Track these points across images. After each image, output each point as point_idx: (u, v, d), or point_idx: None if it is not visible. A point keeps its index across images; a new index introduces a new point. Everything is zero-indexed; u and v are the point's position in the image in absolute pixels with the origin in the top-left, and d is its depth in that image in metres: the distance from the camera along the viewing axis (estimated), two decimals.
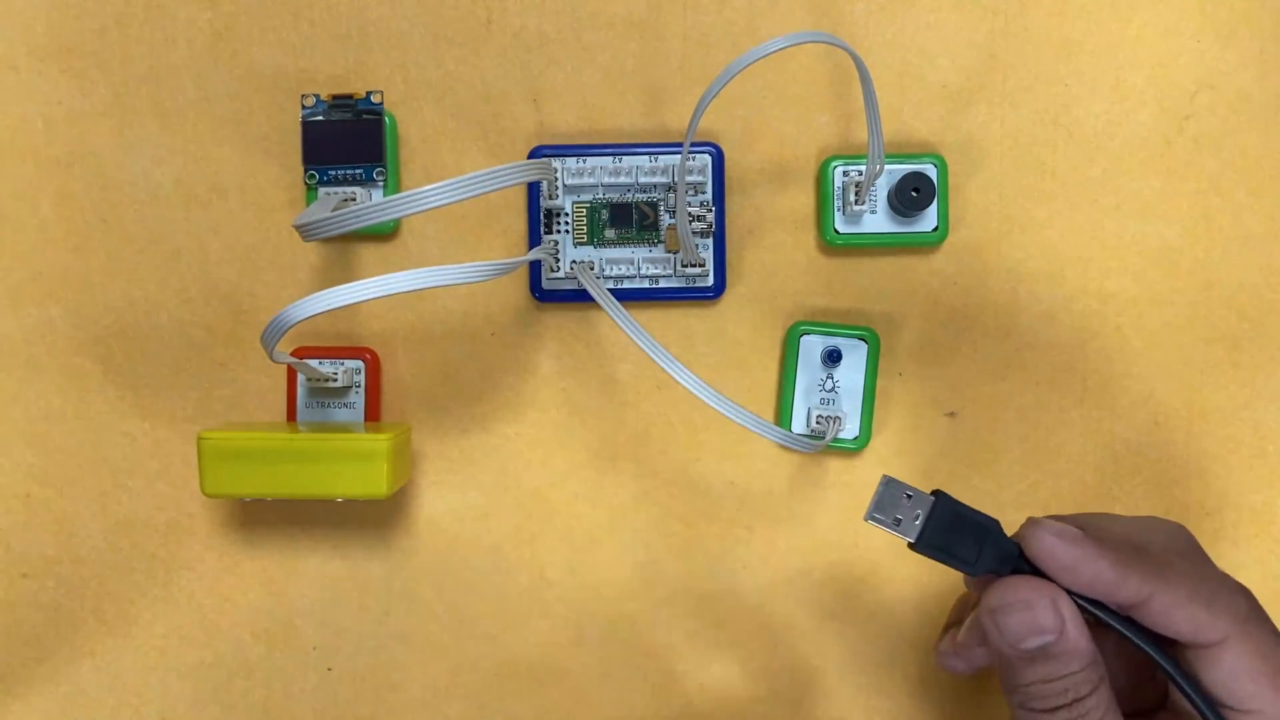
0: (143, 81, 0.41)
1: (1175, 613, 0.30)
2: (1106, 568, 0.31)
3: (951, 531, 0.32)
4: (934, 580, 0.41)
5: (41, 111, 0.41)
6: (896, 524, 0.32)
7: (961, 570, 0.32)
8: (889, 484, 0.32)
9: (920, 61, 0.41)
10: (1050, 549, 0.31)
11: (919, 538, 0.32)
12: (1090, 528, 0.32)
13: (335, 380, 0.40)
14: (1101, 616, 0.31)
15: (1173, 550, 0.33)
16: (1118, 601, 0.31)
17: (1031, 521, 0.32)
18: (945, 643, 0.37)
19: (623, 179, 0.40)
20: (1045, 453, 0.41)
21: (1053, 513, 0.39)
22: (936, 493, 0.32)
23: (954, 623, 0.38)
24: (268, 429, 0.38)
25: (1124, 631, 0.31)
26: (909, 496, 0.32)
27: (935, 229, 0.40)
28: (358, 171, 0.40)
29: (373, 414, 0.41)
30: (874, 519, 0.32)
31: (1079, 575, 0.31)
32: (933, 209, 0.40)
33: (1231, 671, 0.30)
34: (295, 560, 0.42)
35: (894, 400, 0.41)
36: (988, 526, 0.32)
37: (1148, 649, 0.31)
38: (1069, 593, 0.31)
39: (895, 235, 0.40)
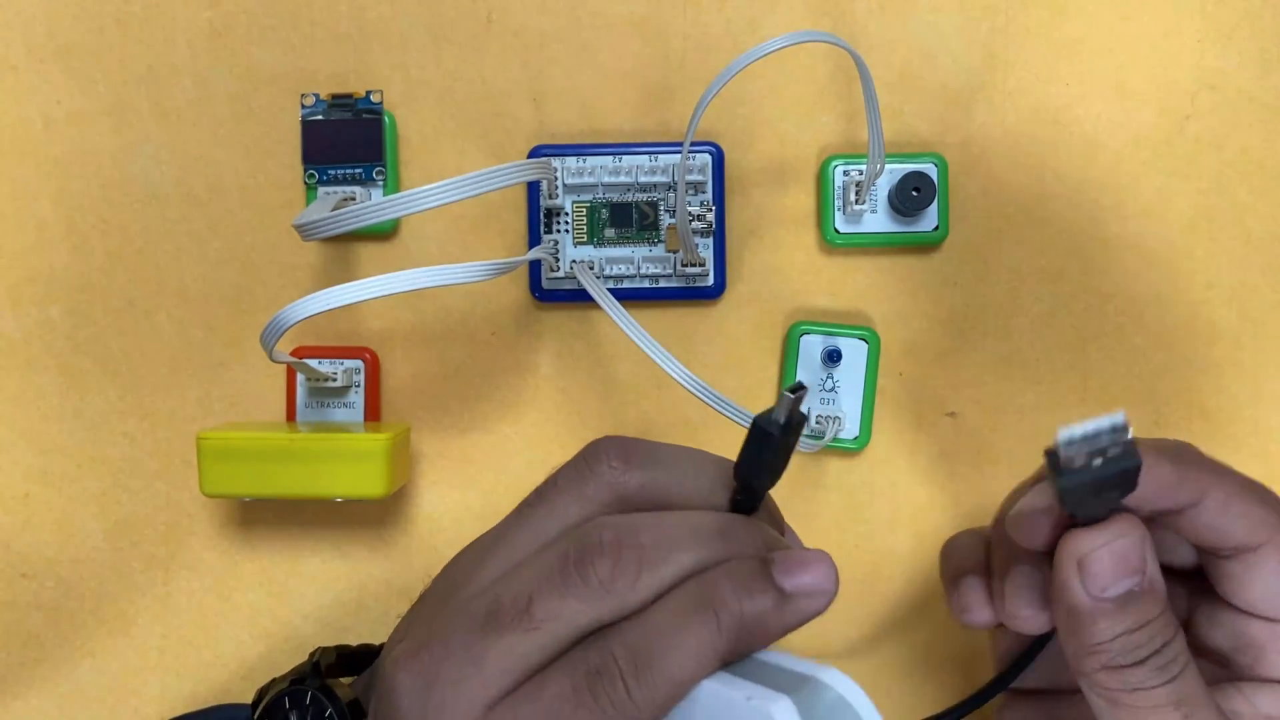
0: (143, 81, 0.41)
1: (1232, 507, 0.29)
2: (1168, 470, 0.28)
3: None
4: (934, 580, 0.41)
5: (41, 111, 0.41)
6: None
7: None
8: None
9: (920, 61, 0.41)
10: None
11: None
12: None
13: (335, 380, 0.40)
14: None
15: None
16: (1175, 503, 0.29)
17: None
18: (971, 594, 0.33)
19: (623, 178, 0.40)
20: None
21: None
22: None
23: (962, 572, 0.33)
24: (267, 429, 0.38)
25: None
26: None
27: (935, 229, 0.40)
28: (357, 171, 0.40)
29: (372, 414, 0.41)
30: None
31: (1144, 482, 0.27)
32: (933, 209, 0.40)
33: (1277, 574, 0.28)
34: (295, 560, 0.42)
35: (894, 400, 0.41)
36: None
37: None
38: None
39: (895, 235, 0.40)
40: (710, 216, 0.40)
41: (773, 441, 0.27)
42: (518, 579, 0.26)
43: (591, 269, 0.40)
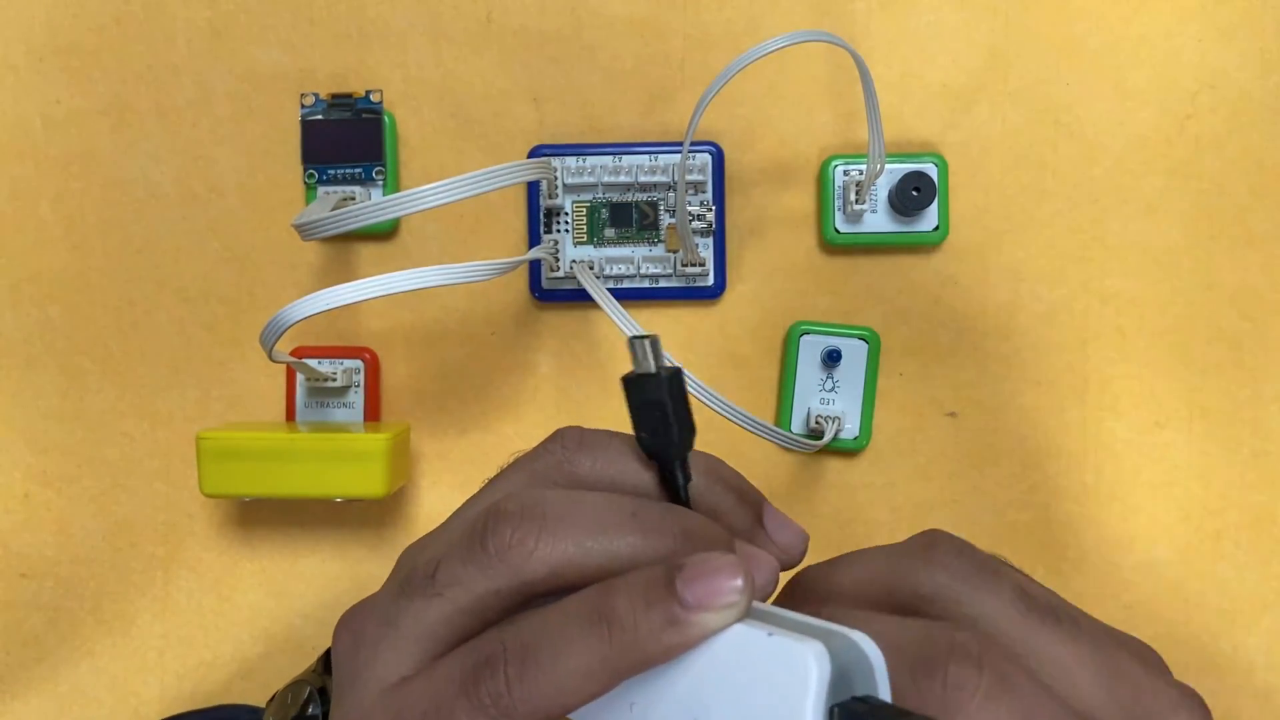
0: (142, 81, 0.41)
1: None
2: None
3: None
4: None
5: (41, 111, 0.41)
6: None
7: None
8: None
9: (920, 61, 0.40)
10: None
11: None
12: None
13: (334, 380, 0.40)
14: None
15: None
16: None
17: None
18: None
19: (623, 178, 0.40)
20: (1045, 453, 0.41)
21: (1054, 510, 0.39)
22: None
23: None
24: (266, 429, 0.38)
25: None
26: None
27: (935, 229, 0.40)
28: (357, 171, 0.40)
29: (372, 414, 0.41)
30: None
31: None
32: (933, 209, 0.40)
33: None
34: (295, 560, 0.42)
35: (894, 400, 0.41)
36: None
37: None
38: None
39: (895, 235, 0.40)
40: (710, 216, 0.40)
41: (651, 393, 0.26)
42: (434, 546, 0.26)
43: (591, 269, 0.40)
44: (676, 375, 0.26)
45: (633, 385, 0.26)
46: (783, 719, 0.21)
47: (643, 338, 0.26)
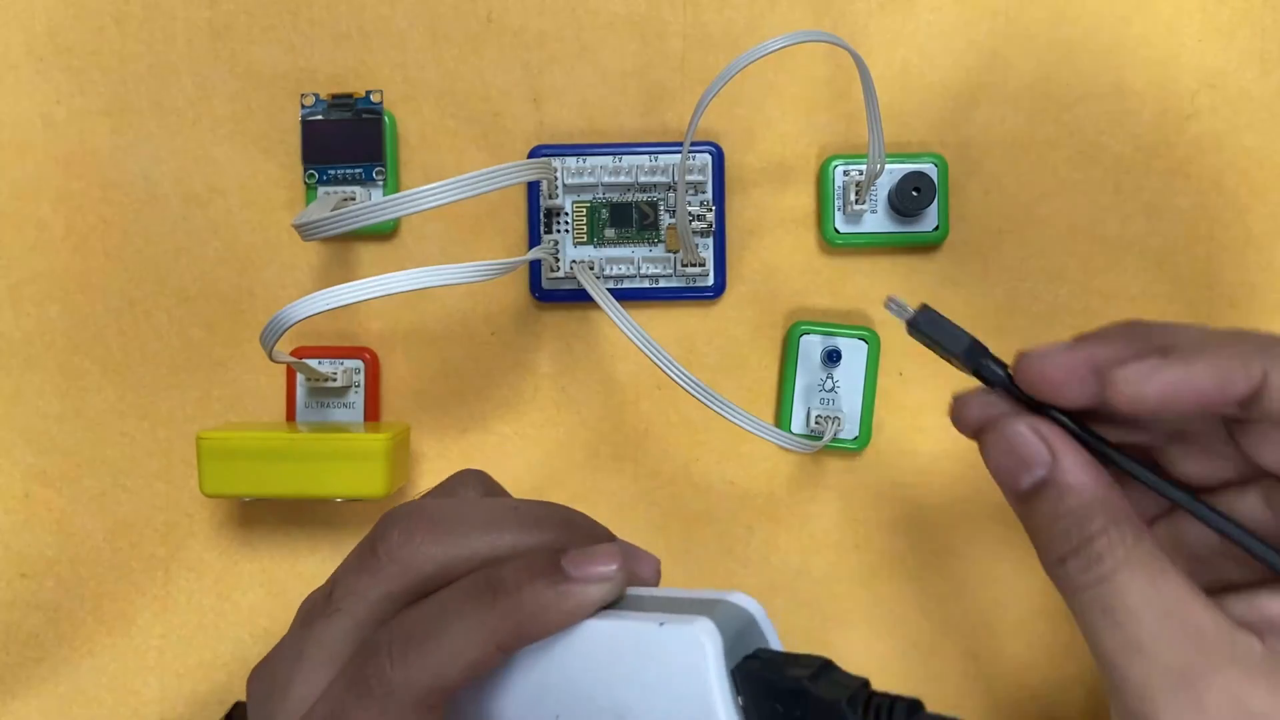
0: (142, 81, 0.41)
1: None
2: (1203, 373, 0.25)
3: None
4: (934, 580, 0.41)
5: (41, 111, 0.41)
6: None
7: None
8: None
9: (920, 61, 0.40)
10: (1140, 396, 0.25)
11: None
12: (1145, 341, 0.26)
13: (334, 380, 0.40)
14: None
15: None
16: (1231, 400, 0.25)
17: (1121, 378, 0.25)
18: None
19: (623, 179, 0.40)
20: None
21: None
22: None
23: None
24: (266, 429, 0.38)
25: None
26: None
27: (935, 229, 0.40)
28: (357, 171, 0.40)
29: (372, 414, 0.41)
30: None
31: (1176, 401, 0.25)
32: (933, 209, 0.40)
33: None
34: (295, 560, 0.42)
35: (894, 400, 0.41)
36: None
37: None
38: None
39: (895, 235, 0.40)
40: (710, 216, 0.40)
41: (926, 334, 0.29)
42: (326, 583, 0.27)
43: (591, 269, 0.40)
44: (923, 310, 0.29)
45: (916, 333, 0.29)
46: (694, 697, 0.23)
47: (894, 303, 0.29)
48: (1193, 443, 0.27)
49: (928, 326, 0.29)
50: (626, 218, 0.40)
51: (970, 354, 0.29)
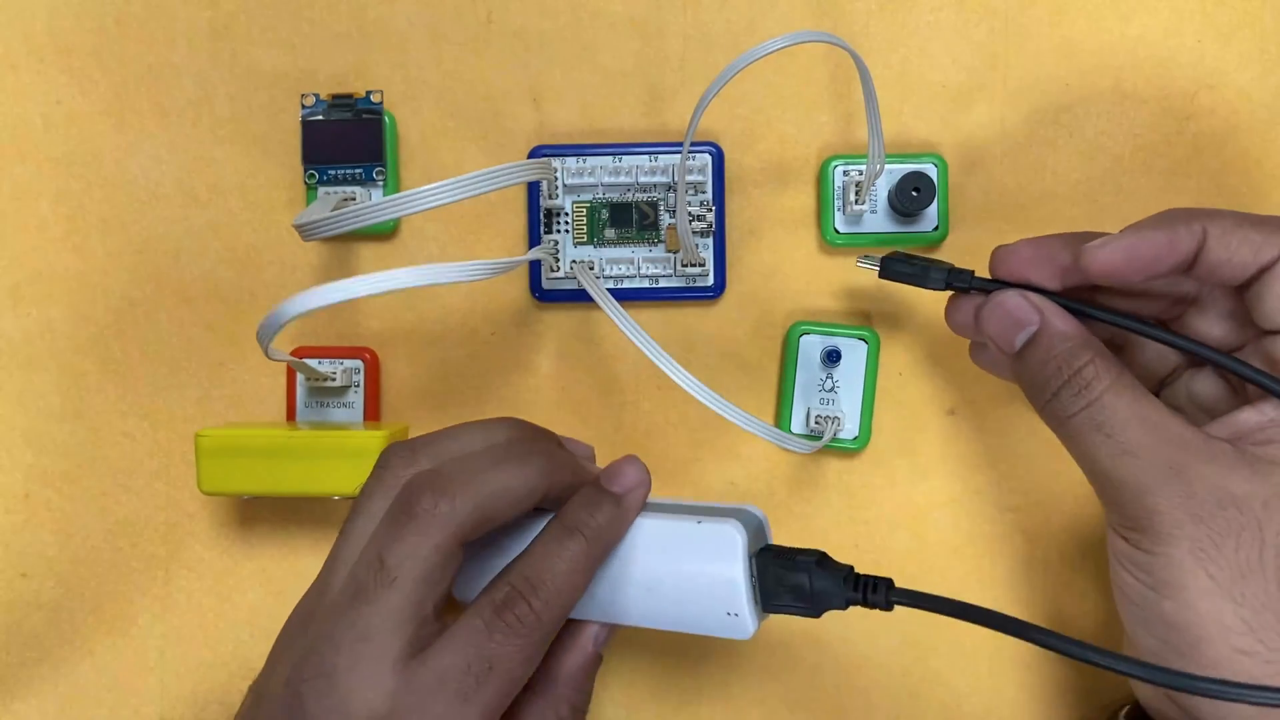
0: (143, 81, 0.41)
1: (1231, 238, 0.30)
2: (1154, 234, 0.30)
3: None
4: (935, 581, 0.41)
5: (41, 111, 0.41)
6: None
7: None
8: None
9: (920, 61, 0.41)
10: (1107, 259, 0.30)
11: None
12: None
13: (334, 380, 0.40)
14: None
15: None
16: (1180, 258, 0.30)
17: (1087, 249, 0.31)
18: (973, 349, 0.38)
19: (623, 179, 0.40)
20: (1045, 452, 0.41)
21: (1054, 509, 0.39)
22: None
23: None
24: (265, 427, 0.38)
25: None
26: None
27: (935, 229, 0.40)
28: (357, 171, 0.40)
29: (372, 414, 0.41)
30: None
31: (1137, 259, 0.30)
32: (933, 209, 0.40)
33: None
34: (295, 560, 0.42)
35: (894, 400, 0.41)
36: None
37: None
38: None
39: (895, 235, 0.40)
40: (710, 216, 0.40)
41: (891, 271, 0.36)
42: (365, 555, 0.30)
43: (591, 269, 0.40)
44: (890, 256, 0.36)
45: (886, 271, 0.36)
46: (721, 576, 0.32)
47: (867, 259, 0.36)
48: (1208, 309, 0.32)
49: (898, 266, 0.35)
50: (626, 218, 0.40)
51: (945, 275, 0.34)
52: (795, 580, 0.32)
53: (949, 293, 0.36)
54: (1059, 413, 0.31)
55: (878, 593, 0.32)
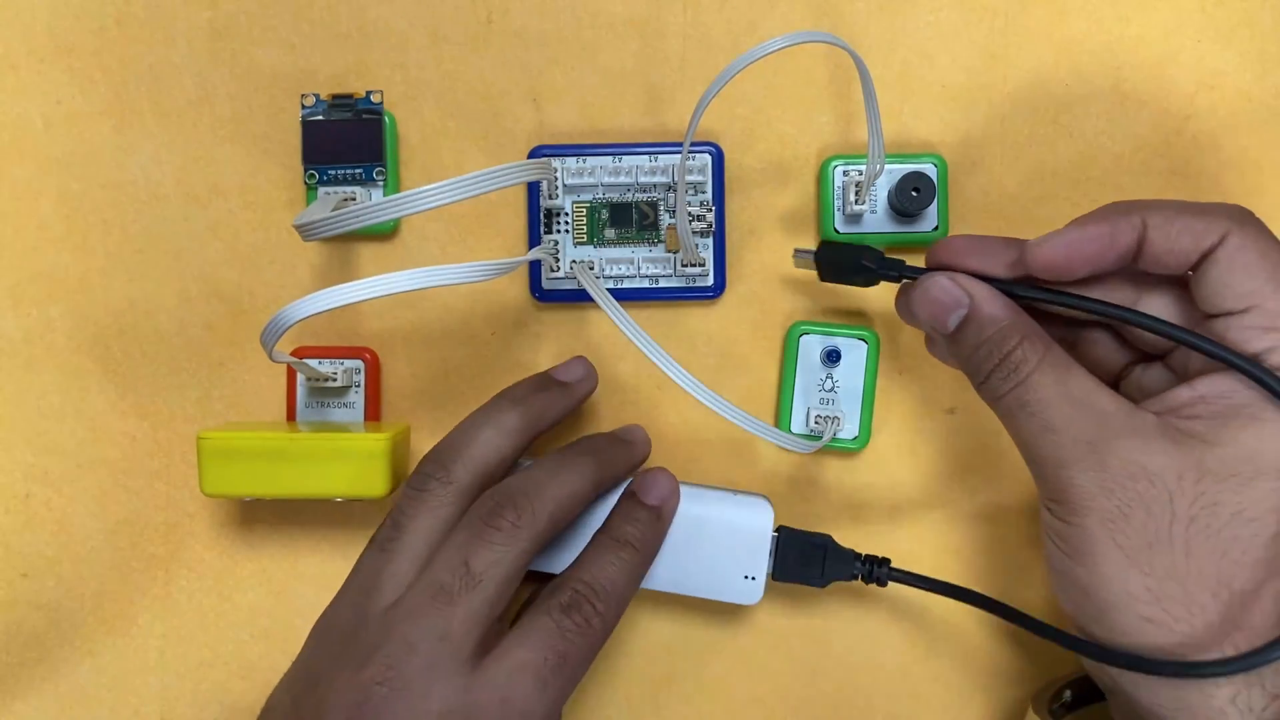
0: (143, 81, 0.41)
1: (1171, 227, 0.30)
2: (1094, 228, 0.31)
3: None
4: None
5: (41, 111, 0.41)
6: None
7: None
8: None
9: (920, 61, 0.41)
10: (1049, 254, 0.31)
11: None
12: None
13: (335, 380, 0.40)
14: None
15: None
16: (1122, 250, 0.31)
17: (1030, 244, 0.32)
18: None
19: (623, 179, 0.40)
20: None
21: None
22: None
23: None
24: (267, 429, 0.38)
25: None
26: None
27: (935, 229, 0.40)
28: (357, 171, 0.40)
29: (372, 414, 0.41)
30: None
31: (1079, 254, 0.31)
32: (933, 209, 0.40)
33: (1229, 267, 0.30)
34: (295, 560, 0.42)
35: (894, 400, 0.41)
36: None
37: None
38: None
39: (895, 235, 0.40)
40: (710, 216, 0.40)
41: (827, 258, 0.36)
42: (441, 560, 0.33)
43: (591, 269, 0.40)
44: (823, 246, 0.36)
45: (820, 264, 0.36)
46: (746, 548, 0.37)
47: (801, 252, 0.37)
48: (1154, 297, 0.33)
49: (830, 254, 0.36)
50: (626, 218, 0.40)
51: (876, 260, 0.35)
52: (811, 552, 0.38)
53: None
54: (990, 394, 0.32)
55: (881, 567, 0.38)
